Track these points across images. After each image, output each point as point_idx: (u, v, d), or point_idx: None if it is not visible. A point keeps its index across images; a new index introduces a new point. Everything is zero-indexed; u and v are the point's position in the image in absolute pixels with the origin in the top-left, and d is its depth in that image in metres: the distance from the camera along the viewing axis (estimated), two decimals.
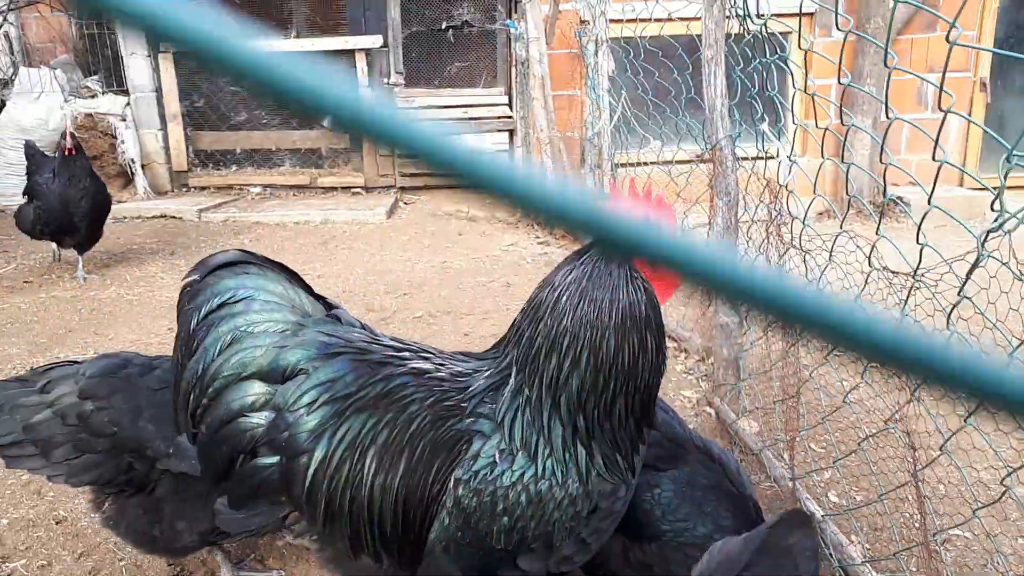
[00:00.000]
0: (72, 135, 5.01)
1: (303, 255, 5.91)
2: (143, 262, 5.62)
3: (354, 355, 1.41)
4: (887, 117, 1.85)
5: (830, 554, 2.16)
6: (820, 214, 7.76)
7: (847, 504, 2.52)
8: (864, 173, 7.74)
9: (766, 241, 2.56)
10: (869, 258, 1.89)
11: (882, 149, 1.94)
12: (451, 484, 1.34)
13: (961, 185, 8.38)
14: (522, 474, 1.33)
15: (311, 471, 1.36)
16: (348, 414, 1.36)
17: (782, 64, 2.42)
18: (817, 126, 2.10)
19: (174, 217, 7.18)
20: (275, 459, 1.37)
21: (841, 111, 2.11)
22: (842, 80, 1.88)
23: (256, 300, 1.43)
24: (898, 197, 7.78)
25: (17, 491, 2.56)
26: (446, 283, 5.24)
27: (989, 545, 2.29)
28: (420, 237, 6.68)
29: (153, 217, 7.20)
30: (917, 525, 2.40)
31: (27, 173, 4.99)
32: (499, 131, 8.51)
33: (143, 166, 7.97)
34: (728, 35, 2.78)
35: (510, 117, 8.42)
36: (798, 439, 2.41)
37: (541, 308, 1.42)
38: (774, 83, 2.57)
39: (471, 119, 8.45)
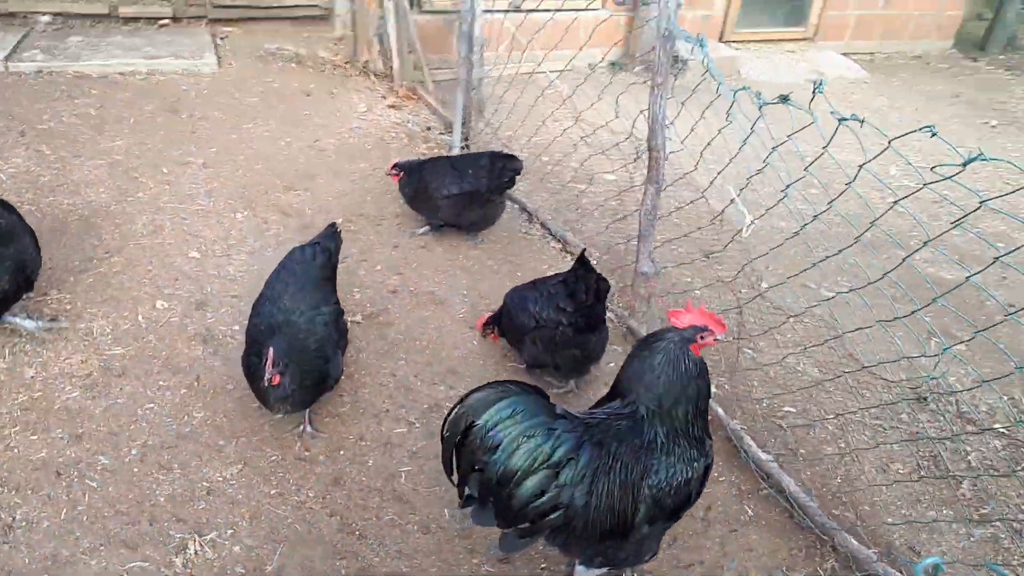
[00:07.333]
0: None
1: (166, 133, 5.83)
2: None
3: (592, 441, 2.32)
4: None
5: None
6: (612, 64, 8.87)
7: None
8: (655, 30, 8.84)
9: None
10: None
11: None
12: (645, 491, 2.37)
13: (721, 39, 9.72)
14: (673, 474, 2.39)
15: (588, 517, 2.30)
16: (597, 476, 2.31)
17: None
18: None
19: None
20: (558, 514, 2.29)
21: None
22: None
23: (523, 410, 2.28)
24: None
25: None
26: (335, 173, 5.66)
27: (808, 419, 3.79)
28: (269, 99, 6.73)
29: None
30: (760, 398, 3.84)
31: None
32: None
33: None
34: None
35: None
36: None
37: (647, 374, 2.43)
38: None
39: None
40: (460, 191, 4.71)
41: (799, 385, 3.89)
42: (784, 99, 2.64)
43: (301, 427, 3.31)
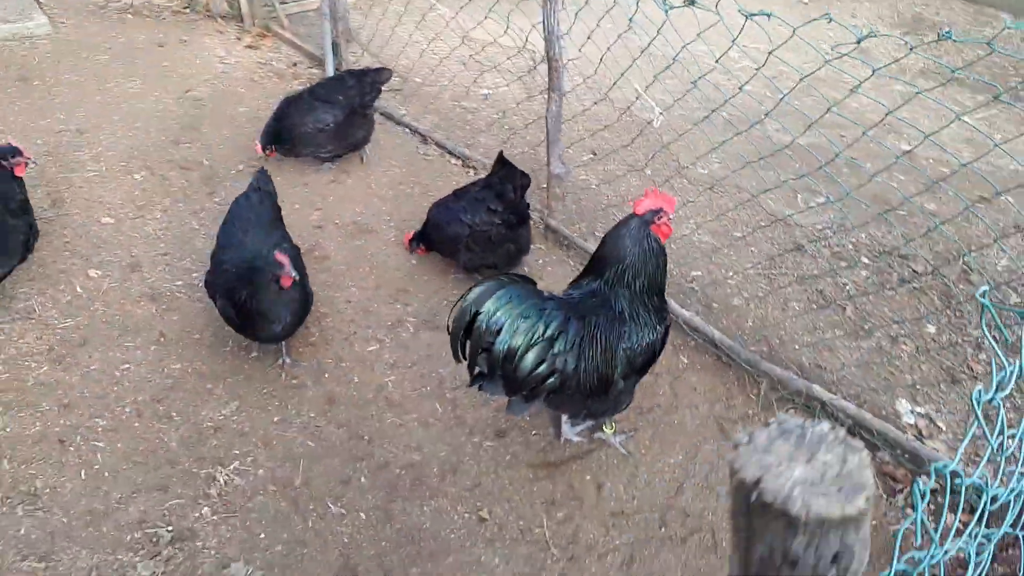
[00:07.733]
0: None
1: (25, 103, 5.53)
2: None
3: (576, 316, 2.71)
4: None
5: None
6: None
7: None
8: None
9: None
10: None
11: None
12: (621, 353, 2.81)
13: None
14: (642, 336, 2.85)
15: (578, 378, 2.71)
16: (583, 344, 2.71)
17: None
18: None
19: None
20: (555, 378, 2.68)
21: None
22: None
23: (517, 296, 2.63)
24: None
25: None
26: (218, 120, 5.60)
27: (717, 276, 4.37)
28: (121, 55, 6.43)
29: None
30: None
31: None
32: None
33: None
34: None
35: None
36: None
37: (615, 254, 2.85)
38: None
39: None
40: (335, 118, 4.86)
41: (701, 252, 4.47)
42: (692, 2, 3.05)
43: (280, 359, 3.52)
